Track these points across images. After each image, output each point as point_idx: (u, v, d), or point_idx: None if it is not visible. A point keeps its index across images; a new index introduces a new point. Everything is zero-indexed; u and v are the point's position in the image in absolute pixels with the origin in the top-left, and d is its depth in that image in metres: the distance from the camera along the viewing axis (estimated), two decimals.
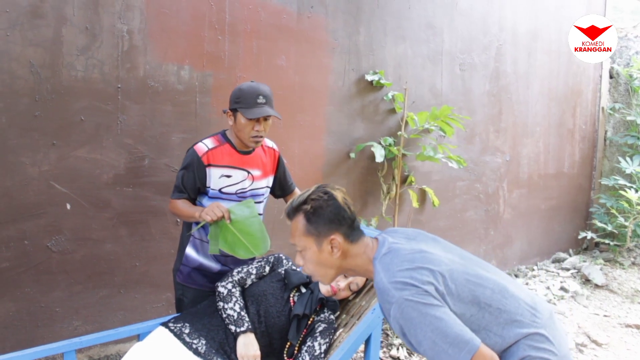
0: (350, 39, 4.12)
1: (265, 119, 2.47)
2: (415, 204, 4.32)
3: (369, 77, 4.21)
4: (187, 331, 2.12)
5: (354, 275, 1.80)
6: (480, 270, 1.67)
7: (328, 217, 1.69)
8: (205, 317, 2.21)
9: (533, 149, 5.83)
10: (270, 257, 2.47)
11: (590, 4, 6.25)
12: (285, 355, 2.24)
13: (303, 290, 2.35)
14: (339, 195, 1.71)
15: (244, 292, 2.32)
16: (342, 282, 2.36)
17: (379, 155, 4.01)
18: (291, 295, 2.31)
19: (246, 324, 2.17)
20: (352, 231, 1.72)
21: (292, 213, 1.76)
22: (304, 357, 2.16)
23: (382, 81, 4.23)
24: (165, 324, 2.20)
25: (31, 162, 2.89)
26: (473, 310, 1.57)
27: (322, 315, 2.28)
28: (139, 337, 2.34)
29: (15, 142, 2.83)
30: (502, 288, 1.64)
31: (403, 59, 4.50)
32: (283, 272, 2.41)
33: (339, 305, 2.43)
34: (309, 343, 2.19)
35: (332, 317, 2.30)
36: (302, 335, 2.23)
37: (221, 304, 2.24)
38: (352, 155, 4.19)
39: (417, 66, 4.60)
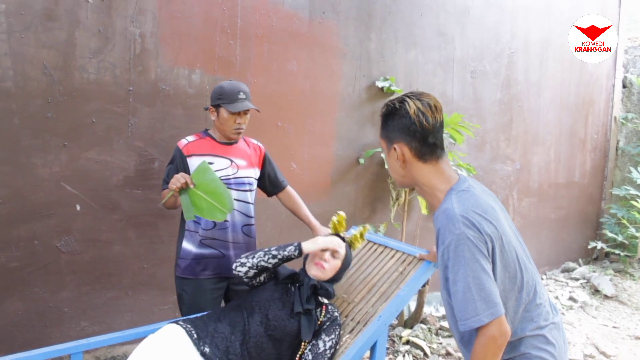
0: (361, 45, 4.13)
1: (245, 112, 2.70)
2: (424, 211, 4.31)
3: (379, 84, 4.21)
4: (194, 336, 2.11)
5: (425, 194, 1.77)
6: (525, 258, 1.70)
7: (397, 125, 1.67)
8: (210, 324, 2.19)
9: (544, 158, 5.80)
10: None
11: (604, 13, 6.22)
12: (298, 358, 2.22)
13: (292, 288, 2.33)
14: (412, 107, 1.64)
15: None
16: (326, 254, 2.37)
17: None
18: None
19: (296, 242, 2.36)
20: (424, 148, 1.67)
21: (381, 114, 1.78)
22: (306, 357, 2.15)
23: (392, 87, 4.23)
24: (176, 322, 2.19)
25: (42, 163, 2.91)
26: (509, 285, 1.61)
27: (327, 316, 2.28)
28: None
29: (27, 143, 2.86)
30: (535, 282, 1.68)
31: (414, 65, 4.50)
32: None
33: (333, 290, 2.39)
34: (313, 341, 2.19)
35: (335, 313, 2.29)
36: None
37: (259, 256, 2.33)
38: (362, 161, 4.19)
39: (428, 73, 4.60)
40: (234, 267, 2.34)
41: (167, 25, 3.21)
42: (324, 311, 2.29)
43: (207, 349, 2.05)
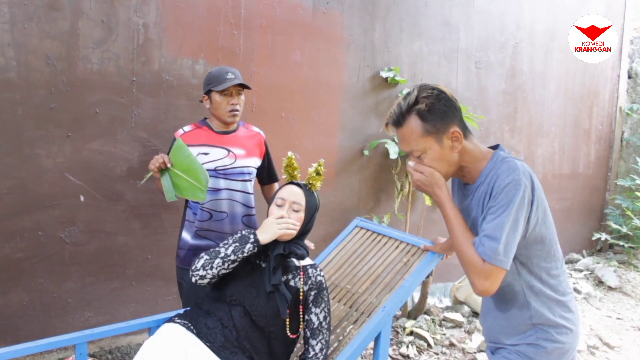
0: (365, 35, 4.10)
1: (239, 93, 2.66)
2: (428, 202, 4.30)
3: (383, 74, 4.19)
4: (195, 331, 2.08)
5: (465, 172, 1.76)
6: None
7: (444, 111, 1.62)
8: (201, 319, 2.11)
9: (548, 149, 5.77)
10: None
11: (609, 4, 6.17)
12: (289, 332, 2.14)
13: (263, 264, 2.23)
14: (444, 90, 1.65)
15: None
16: (284, 212, 2.21)
17: (393, 152, 3.99)
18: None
19: (252, 235, 2.15)
20: (464, 126, 1.68)
21: (402, 118, 1.66)
22: (306, 334, 2.12)
23: (397, 78, 4.21)
24: (171, 320, 2.12)
25: (46, 154, 2.91)
26: (542, 246, 1.66)
27: (309, 282, 2.17)
28: (149, 330, 2.35)
29: (31, 134, 2.85)
30: (561, 254, 1.76)
31: (418, 56, 4.47)
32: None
33: (306, 247, 2.27)
34: (306, 317, 2.14)
35: (319, 277, 2.18)
36: (300, 312, 2.15)
37: (218, 265, 2.13)
38: (366, 152, 4.18)
39: (433, 64, 4.57)
40: (193, 280, 2.17)
41: (170, 15, 3.19)
42: (302, 277, 2.18)
43: (207, 344, 2.03)
